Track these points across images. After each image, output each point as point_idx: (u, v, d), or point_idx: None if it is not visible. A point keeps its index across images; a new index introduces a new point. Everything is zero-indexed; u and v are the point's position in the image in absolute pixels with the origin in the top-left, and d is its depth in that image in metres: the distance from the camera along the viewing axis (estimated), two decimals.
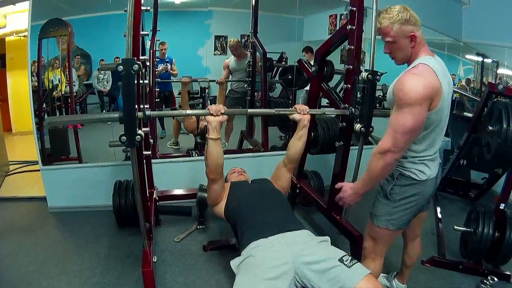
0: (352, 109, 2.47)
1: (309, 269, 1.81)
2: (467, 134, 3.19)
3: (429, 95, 1.63)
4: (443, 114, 1.78)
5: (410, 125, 1.64)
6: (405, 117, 1.64)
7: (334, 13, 4.97)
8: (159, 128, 4.83)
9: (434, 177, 1.92)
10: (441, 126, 1.83)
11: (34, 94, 3.55)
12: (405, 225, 1.98)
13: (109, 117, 1.91)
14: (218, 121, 2.19)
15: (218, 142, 2.23)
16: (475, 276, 2.68)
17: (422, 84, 1.62)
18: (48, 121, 1.81)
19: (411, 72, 1.70)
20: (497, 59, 4.97)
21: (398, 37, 1.76)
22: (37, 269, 2.67)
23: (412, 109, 1.62)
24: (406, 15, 1.72)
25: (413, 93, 1.61)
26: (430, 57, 1.77)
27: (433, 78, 1.66)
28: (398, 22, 1.72)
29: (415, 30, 1.75)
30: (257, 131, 4.51)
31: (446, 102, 1.75)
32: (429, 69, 1.68)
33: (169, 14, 4.37)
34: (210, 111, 2.17)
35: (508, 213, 2.65)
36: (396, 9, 1.74)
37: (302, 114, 2.43)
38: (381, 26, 1.79)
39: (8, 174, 4.57)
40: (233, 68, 4.66)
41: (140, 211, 2.19)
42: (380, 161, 1.74)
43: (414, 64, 1.75)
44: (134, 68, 1.74)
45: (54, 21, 3.64)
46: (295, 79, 4.36)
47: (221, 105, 2.22)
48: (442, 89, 1.68)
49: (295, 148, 2.55)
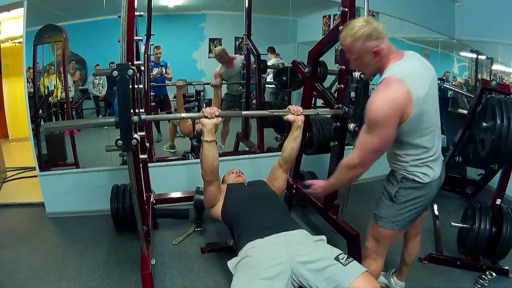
0: (345, 109, 2.49)
1: (306, 268, 1.82)
2: (461, 131, 3.20)
3: (394, 113, 1.63)
4: (426, 116, 1.73)
5: (378, 145, 1.71)
6: (372, 137, 1.69)
7: (327, 14, 4.99)
8: (155, 132, 4.83)
9: (438, 177, 1.90)
10: (433, 127, 1.80)
11: (30, 100, 3.56)
12: (409, 225, 1.98)
13: (105, 122, 1.92)
14: (212, 124, 2.20)
15: (213, 144, 2.24)
16: (473, 271, 2.69)
17: (387, 104, 1.62)
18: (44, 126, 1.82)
19: (378, 89, 1.69)
20: (491, 56, 5.00)
21: (362, 53, 1.75)
22: (36, 275, 2.67)
23: (379, 130, 1.66)
24: (369, 30, 1.68)
25: (379, 114, 1.63)
26: (399, 62, 1.73)
27: (400, 89, 1.63)
28: (361, 39, 1.70)
29: (379, 43, 1.71)
30: (253, 133, 4.52)
31: (426, 103, 1.71)
32: (395, 80, 1.65)
33: (163, 18, 4.37)
34: (205, 113, 2.18)
35: (505, 208, 2.67)
36: (358, 25, 1.70)
37: (296, 115, 2.44)
38: (344, 44, 1.78)
39: (5, 180, 4.56)
40: (225, 75, 4.66)
41: (137, 215, 2.20)
42: (349, 174, 1.86)
43: (382, 77, 1.73)
44: (129, 73, 1.75)
45: (49, 27, 3.64)
46: (289, 81, 4.37)
47: (215, 108, 2.23)
48: (412, 95, 1.64)
49: (290, 149, 2.57)
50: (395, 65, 1.73)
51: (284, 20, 4.76)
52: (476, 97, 2.95)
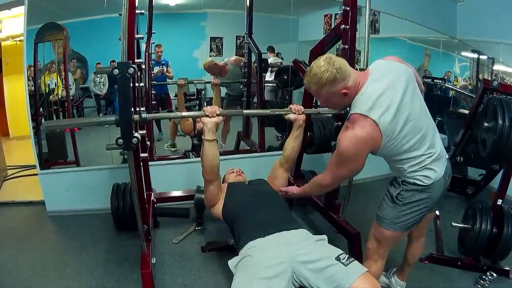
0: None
1: (306, 268, 1.81)
2: (463, 131, 3.21)
3: (363, 150, 1.72)
4: (401, 133, 1.71)
5: (345, 174, 1.92)
6: (342, 168, 1.84)
7: (329, 13, 4.97)
8: (156, 130, 4.82)
9: (442, 176, 1.87)
10: (418, 134, 1.76)
11: (30, 99, 3.56)
12: (413, 227, 1.97)
13: (105, 120, 1.92)
14: (213, 122, 2.20)
15: (213, 143, 2.24)
16: (474, 272, 2.69)
17: (354, 143, 1.68)
18: (45, 125, 1.81)
19: (345, 126, 1.75)
20: (492, 56, 4.99)
21: (330, 97, 1.78)
22: (36, 273, 2.68)
23: (348, 164, 1.79)
24: (332, 74, 1.68)
25: (346, 152, 1.73)
26: (362, 92, 1.73)
27: (365, 127, 1.66)
28: (326, 85, 1.71)
29: (345, 84, 1.72)
30: (254, 132, 4.52)
31: (397, 121, 1.69)
32: (359, 117, 1.68)
33: (164, 16, 4.35)
34: (206, 112, 2.18)
35: (506, 208, 2.66)
36: (320, 70, 1.69)
37: (297, 114, 2.45)
38: (310, 90, 1.81)
39: (6, 178, 4.57)
40: (223, 84, 4.64)
41: (138, 214, 2.20)
42: (320, 190, 2.15)
43: (350, 113, 1.76)
44: (130, 71, 1.74)
45: (50, 25, 3.63)
46: (290, 80, 4.37)
47: (216, 107, 2.23)
48: (380, 125, 1.65)
49: (291, 148, 2.58)
50: (358, 98, 1.74)
51: (286, 19, 4.75)
52: (478, 97, 2.95)
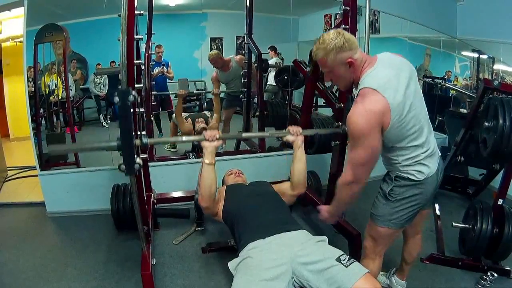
0: (345, 127, 2.49)
1: (307, 269, 1.81)
2: (463, 131, 3.19)
3: (373, 124, 1.65)
4: (405, 118, 1.72)
5: (364, 157, 1.72)
6: (358, 151, 1.71)
7: (329, 13, 4.98)
8: (157, 131, 4.82)
9: (434, 173, 1.88)
10: (419, 126, 1.78)
11: (31, 100, 3.57)
12: (407, 223, 1.98)
13: (107, 146, 1.94)
14: (213, 146, 2.22)
15: (212, 167, 2.24)
16: (475, 272, 2.68)
17: (364, 117, 1.64)
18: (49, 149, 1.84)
19: (355, 102, 1.71)
20: (492, 55, 4.98)
21: (335, 66, 1.76)
22: (37, 274, 2.68)
23: (362, 142, 1.68)
24: (340, 41, 1.70)
25: (358, 128, 1.66)
26: (371, 70, 1.74)
27: (376, 100, 1.64)
28: (333, 51, 1.71)
29: (352, 54, 1.73)
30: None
31: (403, 106, 1.69)
32: (369, 91, 1.66)
33: (164, 17, 4.37)
34: (205, 136, 2.21)
35: (507, 208, 2.65)
36: (329, 37, 1.72)
37: (295, 135, 2.43)
38: (317, 58, 1.79)
39: (6, 179, 4.57)
40: (223, 80, 4.63)
41: (138, 215, 2.19)
42: (347, 191, 1.87)
43: (358, 88, 1.74)
44: (130, 99, 1.73)
45: (50, 26, 3.64)
46: (290, 80, 4.36)
47: (215, 131, 2.26)
48: (389, 103, 1.65)
49: (298, 172, 2.48)
50: (367, 75, 1.73)
51: (286, 19, 4.76)
52: (478, 97, 2.94)
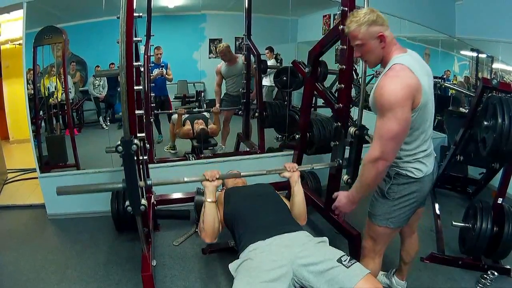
0: (339, 161, 2.64)
1: (308, 270, 1.80)
2: (463, 130, 3.20)
3: (409, 95, 1.63)
4: (427, 109, 1.77)
5: (396, 130, 1.65)
6: (389, 123, 1.65)
7: (327, 13, 4.98)
8: (156, 133, 4.83)
9: (431, 172, 1.92)
10: (429, 122, 1.83)
11: (30, 102, 3.57)
12: (405, 222, 1.99)
13: (113, 187, 2.05)
14: (214, 186, 2.27)
15: (214, 205, 2.27)
16: (475, 271, 2.68)
17: (400, 86, 1.62)
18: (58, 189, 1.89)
19: (387, 75, 1.70)
20: (491, 54, 4.98)
21: (367, 39, 1.76)
22: (37, 276, 2.68)
23: (395, 113, 1.62)
24: (373, 16, 1.73)
25: (393, 97, 1.61)
26: (403, 54, 1.76)
27: (410, 76, 1.65)
28: (365, 24, 1.72)
29: (383, 30, 1.74)
30: (254, 133, 4.52)
31: (428, 96, 1.75)
32: (404, 68, 1.67)
33: (163, 18, 4.37)
34: (206, 176, 2.26)
35: (506, 207, 2.66)
36: (363, 12, 1.75)
37: (291, 171, 2.45)
38: (349, 30, 1.79)
39: (6, 182, 4.57)
40: (225, 73, 4.65)
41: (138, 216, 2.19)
42: (372, 170, 1.75)
43: (389, 65, 1.74)
44: (133, 148, 1.83)
45: (49, 28, 3.64)
46: (289, 81, 4.37)
47: (216, 170, 2.31)
48: (421, 85, 1.68)
49: (296, 204, 2.47)
50: (400, 56, 1.75)
51: (284, 20, 4.76)
52: (477, 96, 2.94)
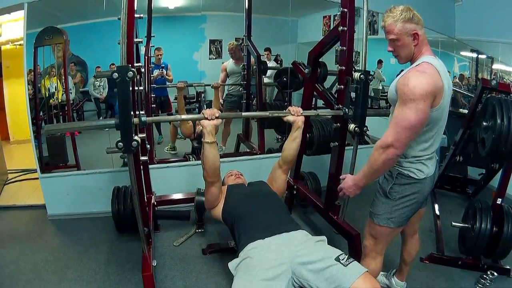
0: (345, 109, 2.47)
1: (306, 269, 1.82)
2: (462, 131, 3.21)
3: (433, 92, 1.68)
4: (443, 113, 1.82)
5: (413, 120, 1.68)
6: (409, 112, 1.68)
7: (327, 14, 4.99)
8: (156, 134, 4.83)
9: (432, 174, 1.95)
10: (441, 125, 1.87)
11: (31, 103, 3.57)
12: (405, 222, 2.00)
13: (105, 123, 1.94)
14: (213, 125, 2.21)
15: (213, 146, 2.25)
16: (475, 271, 2.69)
17: (426, 80, 1.67)
18: (45, 129, 1.84)
19: (415, 69, 1.74)
20: (491, 55, 4.99)
21: (401, 34, 1.80)
22: (37, 276, 2.68)
23: (416, 105, 1.66)
24: (409, 14, 1.77)
25: (418, 89, 1.65)
26: (433, 57, 1.80)
27: (437, 76, 1.70)
28: (401, 20, 1.77)
29: (417, 29, 1.79)
30: (254, 134, 4.52)
31: (446, 101, 1.79)
32: (432, 67, 1.72)
33: (163, 19, 4.37)
34: (205, 115, 2.20)
35: (506, 207, 2.66)
36: (400, 9, 1.79)
37: (296, 115, 2.45)
38: (385, 25, 1.84)
39: (7, 182, 4.58)
40: (230, 71, 4.67)
41: (138, 217, 2.20)
42: (382, 156, 1.77)
43: (418, 62, 1.79)
44: (129, 75, 1.76)
45: (49, 29, 3.64)
46: (290, 81, 4.37)
47: (215, 109, 2.24)
48: (444, 88, 1.72)
49: (290, 149, 2.58)
50: (430, 56, 1.80)
51: (284, 21, 4.75)
52: (476, 97, 2.95)
